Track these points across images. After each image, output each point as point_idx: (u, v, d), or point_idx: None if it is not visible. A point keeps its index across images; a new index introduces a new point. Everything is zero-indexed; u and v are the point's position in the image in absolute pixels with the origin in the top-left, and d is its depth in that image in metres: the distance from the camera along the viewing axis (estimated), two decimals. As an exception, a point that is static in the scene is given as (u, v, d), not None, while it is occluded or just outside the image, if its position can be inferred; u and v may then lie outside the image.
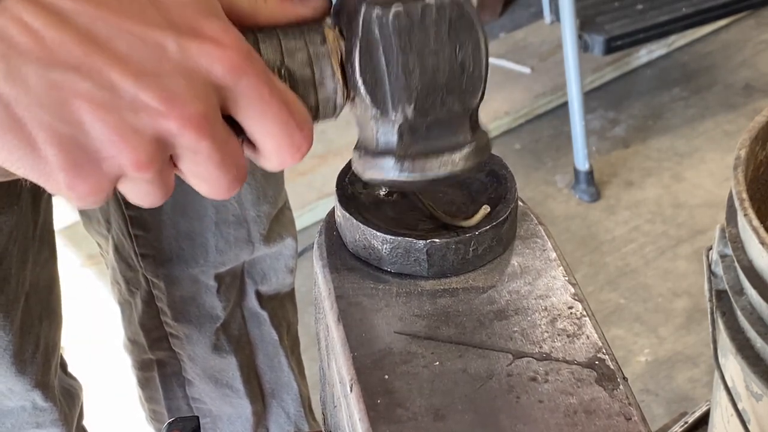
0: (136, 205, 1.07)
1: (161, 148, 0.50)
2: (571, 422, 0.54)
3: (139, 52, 0.49)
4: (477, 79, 0.58)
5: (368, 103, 0.57)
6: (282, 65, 0.57)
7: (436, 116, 0.58)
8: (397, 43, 0.56)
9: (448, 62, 0.57)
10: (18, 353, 0.99)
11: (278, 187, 1.18)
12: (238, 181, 0.54)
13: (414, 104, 0.57)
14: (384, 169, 0.59)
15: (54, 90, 0.47)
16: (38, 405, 1.05)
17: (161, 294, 1.17)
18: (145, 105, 0.49)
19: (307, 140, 0.54)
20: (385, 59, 0.56)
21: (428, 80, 0.57)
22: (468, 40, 0.57)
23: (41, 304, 1.03)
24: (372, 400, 0.55)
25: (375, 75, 0.56)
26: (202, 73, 0.50)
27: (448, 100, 0.58)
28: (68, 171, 0.49)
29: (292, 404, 1.33)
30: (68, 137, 0.48)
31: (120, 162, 0.50)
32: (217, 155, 0.52)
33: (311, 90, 0.57)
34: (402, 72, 0.56)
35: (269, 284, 1.23)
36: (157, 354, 1.24)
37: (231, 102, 0.52)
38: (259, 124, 0.53)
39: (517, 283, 0.63)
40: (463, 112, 0.59)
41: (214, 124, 0.51)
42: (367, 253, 0.64)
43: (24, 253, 0.97)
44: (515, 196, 0.66)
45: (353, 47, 0.56)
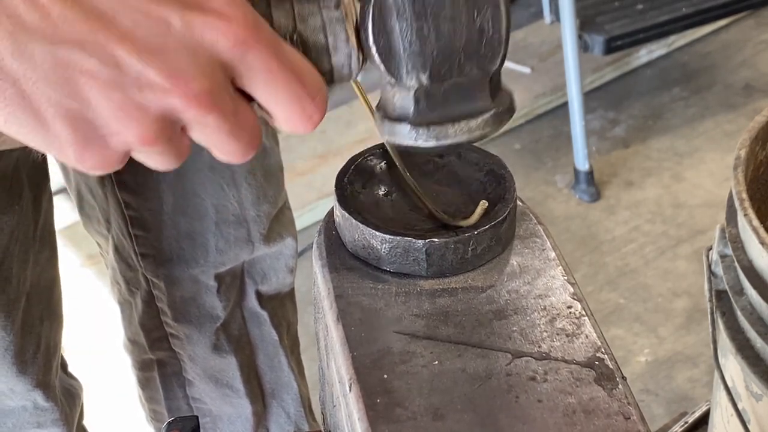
0: (136, 206, 1.08)
1: (168, 123, 0.51)
2: (570, 422, 0.54)
3: (144, 28, 0.49)
4: (497, 44, 0.57)
5: (382, 70, 0.56)
6: (294, 31, 0.56)
7: (454, 82, 0.57)
8: (411, 8, 0.55)
9: (466, 27, 0.56)
10: (19, 353, 0.99)
11: (278, 187, 1.18)
12: (251, 145, 0.54)
13: (429, 71, 0.56)
14: (400, 134, 0.58)
15: (60, 67, 0.48)
16: (39, 405, 1.05)
17: (161, 294, 1.17)
18: (149, 82, 0.49)
19: (319, 109, 0.54)
20: (399, 25, 0.55)
21: (444, 46, 0.56)
22: (486, 4, 0.56)
23: (42, 304, 1.04)
24: (371, 400, 0.55)
25: (389, 41, 0.55)
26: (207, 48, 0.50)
27: (465, 65, 0.57)
28: (77, 145, 0.50)
29: (292, 404, 1.33)
30: (76, 113, 0.49)
31: (126, 138, 0.50)
32: (226, 126, 0.51)
33: (325, 55, 0.56)
34: (416, 38, 0.55)
35: (269, 284, 1.23)
36: (157, 354, 1.24)
37: (239, 75, 0.51)
38: (269, 95, 0.52)
39: (516, 282, 0.63)
40: (483, 77, 0.58)
41: (220, 97, 0.51)
42: (366, 253, 0.64)
43: (25, 253, 0.97)
44: (514, 195, 0.66)
45: (367, 12, 0.55)
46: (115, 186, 1.07)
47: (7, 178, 0.92)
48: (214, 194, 1.09)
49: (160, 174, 1.05)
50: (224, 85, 0.51)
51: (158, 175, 1.06)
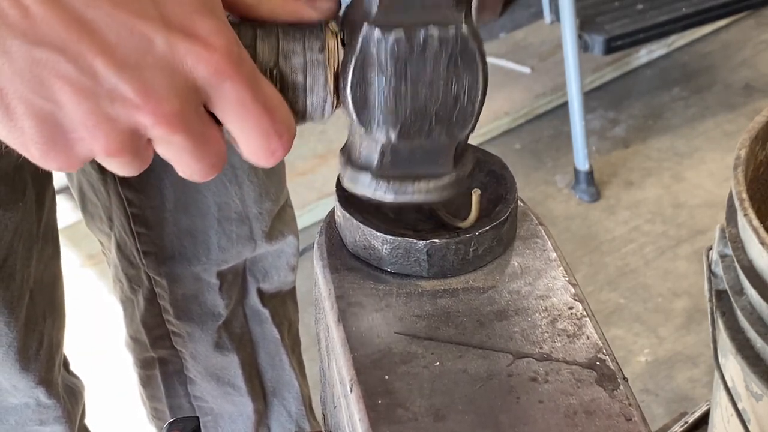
0: (138, 203, 1.08)
1: (135, 137, 0.51)
2: (572, 423, 0.54)
3: (126, 42, 0.49)
4: (469, 114, 0.58)
5: (354, 119, 0.58)
6: (275, 66, 0.56)
7: (421, 143, 0.58)
8: (392, 68, 0.56)
9: (442, 93, 0.57)
10: (22, 350, 0.99)
11: (280, 184, 1.18)
12: (214, 169, 0.55)
13: (399, 129, 0.57)
14: (360, 183, 0.60)
15: (36, 67, 0.48)
16: (42, 402, 1.05)
17: (163, 292, 1.17)
18: (122, 96, 0.50)
19: (283, 147, 0.55)
20: (378, 81, 0.56)
21: (418, 108, 0.57)
22: (466, 75, 0.57)
23: (45, 301, 1.04)
24: (372, 401, 0.55)
25: (365, 93, 0.57)
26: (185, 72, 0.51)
27: (435, 129, 0.58)
28: (41, 145, 0.51)
29: (293, 403, 1.33)
30: (45, 113, 0.50)
31: (91, 146, 0.51)
32: (191, 147, 0.53)
33: (301, 95, 0.57)
34: (392, 96, 0.56)
35: (271, 282, 1.23)
36: (158, 352, 1.24)
37: (212, 102, 0.52)
38: (238, 126, 0.54)
39: (517, 283, 0.63)
40: (450, 143, 0.59)
41: (189, 119, 0.51)
42: (367, 254, 0.64)
43: (28, 250, 0.97)
44: (515, 196, 0.66)
45: (349, 62, 0.56)
46: (117, 183, 1.07)
47: (11, 175, 0.92)
48: (216, 191, 1.10)
49: (163, 171, 1.05)
50: (195, 108, 0.52)
51: (161, 172, 1.06)
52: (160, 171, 1.05)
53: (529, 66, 2.73)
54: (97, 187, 1.10)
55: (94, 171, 1.08)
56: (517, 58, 2.77)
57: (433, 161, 0.60)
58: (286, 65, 0.56)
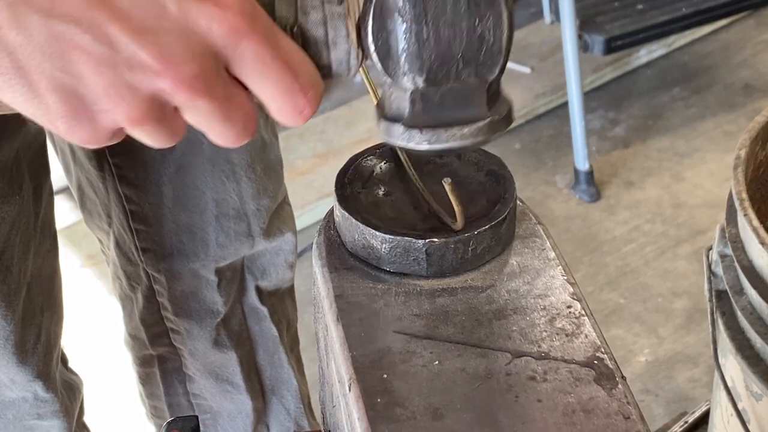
0: (137, 200, 1.08)
1: (157, 104, 0.51)
2: (570, 421, 0.54)
3: (140, 9, 0.49)
4: (496, 52, 0.57)
5: (380, 69, 0.57)
6: (295, 23, 0.56)
7: (450, 87, 0.57)
8: (411, 12, 0.55)
9: (466, 34, 0.56)
10: (20, 343, 0.99)
11: (278, 181, 1.18)
12: (246, 132, 0.54)
13: (426, 74, 0.56)
14: (394, 134, 0.58)
15: (55, 40, 0.49)
16: (39, 396, 1.05)
17: (162, 289, 1.17)
18: (141, 63, 0.50)
19: (311, 103, 0.54)
20: (398, 26, 0.55)
21: (442, 51, 0.56)
22: (489, 13, 0.55)
23: (43, 296, 1.04)
24: (371, 400, 0.55)
25: (387, 41, 0.56)
26: (201, 34, 0.50)
27: (463, 71, 0.57)
28: (67, 119, 0.51)
29: (292, 401, 1.33)
30: (68, 87, 0.50)
31: (115, 115, 0.51)
32: (217, 110, 0.52)
33: (324, 50, 0.56)
34: (415, 41, 0.55)
35: (269, 279, 1.23)
36: (157, 349, 1.24)
37: (231, 63, 0.52)
38: (260, 86, 0.53)
39: (515, 282, 0.63)
40: (480, 85, 0.58)
41: (211, 83, 0.51)
42: (366, 253, 0.64)
43: (26, 244, 0.97)
44: (514, 195, 0.66)
45: (368, 10, 0.55)
46: (116, 180, 1.07)
47: (8, 169, 0.92)
48: (214, 188, 1.10)
49: (161, 167, 1.05)
50: (216, 71, 0.52)
51: (159, 169, 1.06)
52: (159, 168, 1.05)
53: (529, 66, 2.73)
54: (95, 184, 1.10)
55: (93, 168, 1.08)
56: (517, 58, 2.77)
57: (465, 105, 0.58)
58: (306, 20, 0.56)
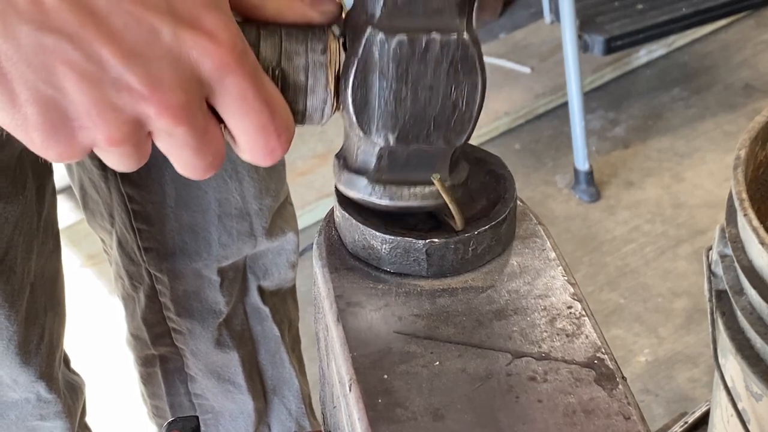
0: (139, 199, 1.08)
1: (137, 127, 0.52)
2: (570, 422, 0.54)
3: (133, 32, 0.50)
4: (467, 120, 0.59)
5: (354, 121, 0.58)
6: (278, 66, 0.57)
7: (418, 148, 0.59)
8: (394, 71, 0.56)
9: (441, 99, 0.58)
10: (23, 344, 0.99)
11: (281, 181, 1.18)
12: (213, 167, 0.55)
13: (398, 133, 0.58)
14: (356, 186, 0.61)
15: (43, 53, 0.49)
16: (42, 397, 1.05)
17: (164, 288, 1.17)
18: (128, 85, 0.50)
19: (282, 146, 0.55)
20: (379, 84, 0.57)
21: (417, 112, 0.58)
22: (466, 82, 0.57)
23: (46, 296, 1.04)
24: (371, 400, 0.55)
25: (366, 96, 0.57)
26: (191, 65, 0.51)
27: (433, 134, 0.59)
28: (43, 132, 0.51)
29: (293, 401, 1.33)
30: (49, 100, 0.50)
31: (94, 135, 0.51)
32: (192, 142, 0.53)
33: (301, 96, 0.58)
34: (393, 99, 0.57)
35: (271, 279, 1.23)
36: (159, 349, 1.24)
37: (214, 96, 0.53)
38: (237, 122, 0.54)
39: (516, 282, 0.63)
40: (447, 149, 0.60)
41: (193, 113, 0.52)
42: (366, 253, 0.64)
43: (29, 244, 0.97)
44: (514, 195, 0.66)
45: (351, 64, 0.57)
46: (118, 179, 1.07)
47: (11, 169, 0.92)
48: (216, 187, 1.10)
49: (164, 167, 1.06)
50: (199, 102, 0.52)
51: (161, 169, 1.06)
52: (161, 167, 1.06)
53: (529, 66, 2.73)
54: (98, 183, 1.10)
55: (95, 168, 1.08)
56: (517, 58, 2.77)
57: (429, 167, 0.60)
58: (288, 65, 0.57)
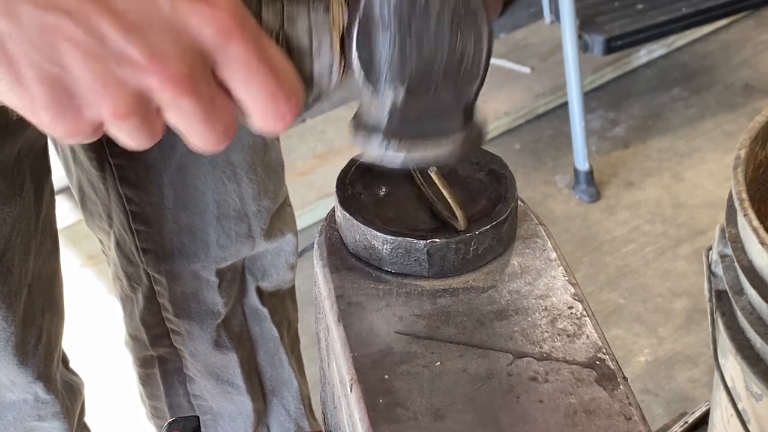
0: (137, 200, 1.08)
1: (142, 101, 0.52)
2: (571, 422, 0.54)
3: (133, 5, 0.50)
4: (475, 71, 0.58)
5: (362, 78, 0.57)
6: (281, 30, 0.57)
7: (429, 101, 0.58)
8: (397, 25, 0.56)
9: (447, 50, 0.57)
10: (20, 345, 0.99)
11: (279, 182, 1.18)
12: (225, 136, 0.55)
13: (406, 86, 0.58)
14: (370, 144, 0.60)
15: (46, 31, 0.49)
16: (40, 397, 1.05)
17: (162, 290, 1.17)
18: (130, 58, 0.50)
19: (292, 111, 0.55)
20: (383, 39, 0.56)
21: (424, 65, 0.57)
22: (470, 32, 0.57)
23: (44, 297, 1.04)
24: (372, 400, 0.55)
25: (371, 53, 0.57)
26: (191, 33, 0.51)
27: (442, 86, 0.58)
28: (51, 110, 0.51)
29: (292, 402, 1.33)
30: (54, 78, 0.50)
31: (100, 110, 0.51)
32: (200, 112, 0.53)
33: (307, 59, 0.57)
34: (398, 52, 0.56)
35: (270, 280, 1.23)
36: (158, 350, 1.24)
37: (219, 64, 0.53)
38: (244, 89, 0.54)
39: (517, 283, 0.63)
40: (457, 101, 0.59)
41: (197, 83, 0.52)
42: (367, 254, 0.64)
43: (26, 245, 0.97)
44: (515, 195, 0.66)
45: (353, 22, 0.56)
46: (116, 181, 1.07)
47: (9, 169, 0.92)
48: (215, 189, 1.10)
49: (162, 168, 1.05)
50: (203, 72, 0.52)
51: (160, 170, 1.06)
52: (160, 168, 1.06)
53: (529, 66, 2.73)
54: (96, 184, 1.10)
55: (94, 168, 1.08)
56: (517, 58, 2.77)
57: (442, 119, 0.59)
58: (291, 29, 0.57)
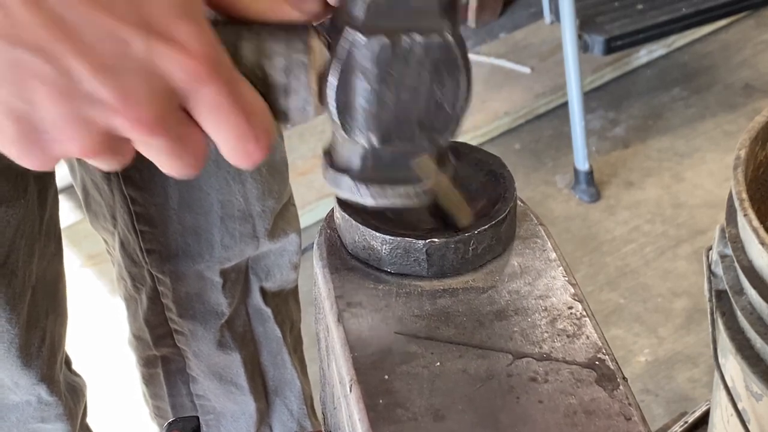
0: (142, 201, 1.08)
1: (111, 138, 0.52)
2: (571, 422, 0.54)
3: (105, 45, 0.49)
4: (452, 120, 0.58)
5: (337, 122, 0.57)
6: (257, 66, 0.56)
7: (403, 147, 0.59)
8: (376, 73, 0.56)
9: (425, 100, 0.57)
10: (24, 347, 0.99)
11: (283, 182, 1.18)
12: (194, 167, 0.55)
13: (381, 134, 0.57)
14: (340, 186, 0.60)
15: (14, 67, 0.48)
16: (43, 399, 1.05)
17: (166, 290, 1.17)
18: (99, 99, 0.50)
19: (261, 150, 0.55)
20: (361, 85, 0.56)
21: (401, 113, 0.57)
22: (450, 82, 0.57)
23: (47, 299, 1.04)
24: (372, 401, 0.55)
25: (348, 98, 0.56)
26: (163, 76, 0.51)
27: (417, 135, 0.58)
28: (19, 145, 0.51)
29: (295, 402, 1.33)
30: (22, 114, 0.50)
31: (68, 147, 0.51)
32: (169, 148, 0.53)
33: (282, 96, 0.57)
34: (375, 101, 0.56)
35: (273, 280, 1.23)
36: (161, 350, 1.24)
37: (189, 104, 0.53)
38: (214, 129, 0.54)
39: (517, 283, 0.63)
40: (431, 149, 0.59)
41: (167, 123, 0.52)
42: (366, 254, 0.64)
43: (31, 247, 0.97)
44: (514, 194, 0.66)
45: (332, 65, 0.56)
46: (121, 181, 1.07)
47: (12, 171, 0.92)
48: (219, 189, 1.10)
49: None
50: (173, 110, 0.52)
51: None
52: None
53: (529, 66, 2.73)
54: (100, 185, 1.10)
55: (98, 170, 1.08)
56: (517, 58, 2.77)
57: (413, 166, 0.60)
58: (268, 65, 0.56)
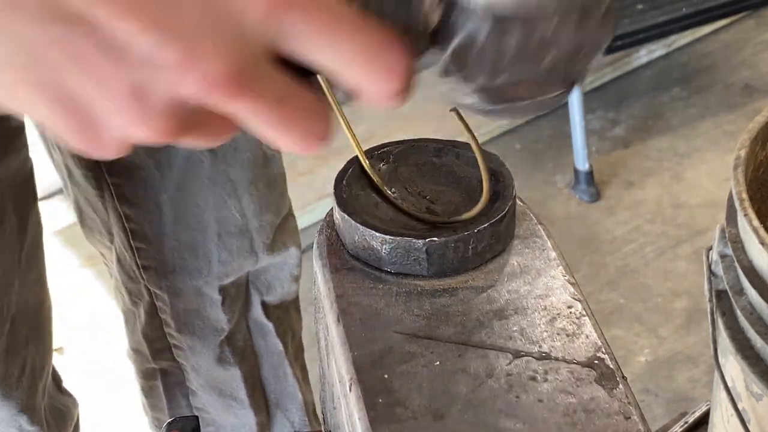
0: (136, 218, 1.07)
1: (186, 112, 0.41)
2: (571, 421, 0.54)
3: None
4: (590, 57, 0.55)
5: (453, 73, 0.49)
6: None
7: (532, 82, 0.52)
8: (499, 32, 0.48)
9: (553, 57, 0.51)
10: (3, 377, 0.97)
11: (281, 196, 1.16)
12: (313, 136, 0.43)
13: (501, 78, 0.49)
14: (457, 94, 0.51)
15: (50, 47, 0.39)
16: (24, 429, 1.03)
17: (164, 305, 1.16)
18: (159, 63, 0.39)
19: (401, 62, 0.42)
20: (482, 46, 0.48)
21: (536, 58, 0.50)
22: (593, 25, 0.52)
23: (28, 327, 1.01)
24: (371, 400, 0.55)
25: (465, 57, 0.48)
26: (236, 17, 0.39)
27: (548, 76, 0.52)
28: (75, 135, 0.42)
29: (296, 413, 1.31)
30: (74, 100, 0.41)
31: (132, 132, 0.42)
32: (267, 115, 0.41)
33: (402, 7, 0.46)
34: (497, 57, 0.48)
35: (274, 294, 1.22)
36: (160, 364, 1.23)
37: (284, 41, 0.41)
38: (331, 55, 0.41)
39: (516, 282, 0.63)
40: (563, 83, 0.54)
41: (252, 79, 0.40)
42: (366, 254, 0.64)
43: (9, 277, 0.95)
44: (513, 192, 0.66)
45: None
46: (115, 199, 1.05)
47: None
48: (215, 206, 1.08)
49: (161, 187, 1.04)
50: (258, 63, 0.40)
51: (158, 188, 1.05)
52: (158, 187, 1.04)
53: (529, 66, 2.73)
54: (94, 203, 1.08)
55: (91, 187, 1.06)
56: (517, 59, 2.76)
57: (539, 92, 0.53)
58: None
